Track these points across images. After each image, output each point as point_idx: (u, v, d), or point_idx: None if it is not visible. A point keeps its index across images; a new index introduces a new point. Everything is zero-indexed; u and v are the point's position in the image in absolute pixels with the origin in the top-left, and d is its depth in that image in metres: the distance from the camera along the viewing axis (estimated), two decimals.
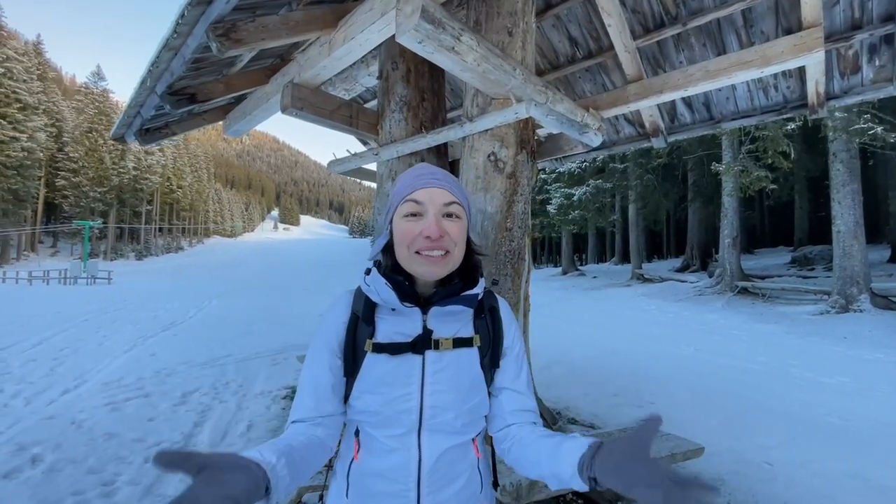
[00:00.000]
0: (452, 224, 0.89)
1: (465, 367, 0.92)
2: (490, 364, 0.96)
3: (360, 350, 0.92)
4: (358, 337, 0.93)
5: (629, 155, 18.91)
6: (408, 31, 1.99)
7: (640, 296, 14.39)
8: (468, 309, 0.96)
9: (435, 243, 0.86)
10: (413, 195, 0.89)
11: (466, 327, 0.95)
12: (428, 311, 0.92)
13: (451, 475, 0.90)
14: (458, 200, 0.91)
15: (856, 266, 9.83)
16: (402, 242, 0.89)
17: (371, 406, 0.88)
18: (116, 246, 47.31)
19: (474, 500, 0.94)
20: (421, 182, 0.90)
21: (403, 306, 0.90)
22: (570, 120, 2.81)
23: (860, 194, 10.01)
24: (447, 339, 0.91)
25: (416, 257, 0.88)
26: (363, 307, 0.94)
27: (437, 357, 0.90)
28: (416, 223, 0.88)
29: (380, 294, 0.91)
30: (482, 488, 0.97)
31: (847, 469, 3.11)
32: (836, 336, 8.16)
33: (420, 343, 0.90)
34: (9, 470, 2.80)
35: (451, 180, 0.93)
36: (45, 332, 7.59)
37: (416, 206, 0.89)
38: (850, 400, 4.65)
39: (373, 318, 0.93)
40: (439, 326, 0.92)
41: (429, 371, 0.90)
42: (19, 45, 37.50)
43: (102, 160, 43.89)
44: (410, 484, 0.88)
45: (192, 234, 69.29)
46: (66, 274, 24.41)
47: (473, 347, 0.94)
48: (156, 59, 2.46)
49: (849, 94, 3.18)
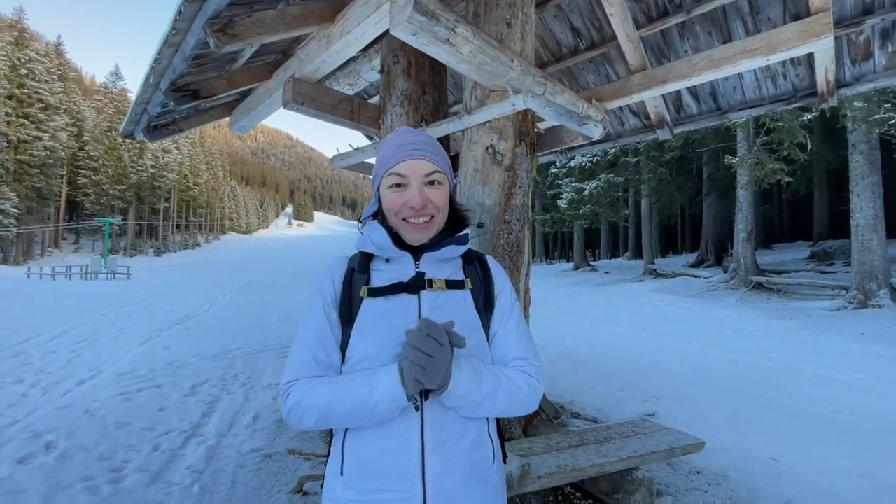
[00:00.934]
0: (435, 191, 0.95)
1: (461, 307, 0.96)
2: (484, 307, 1.00)
3: (356, 297, 0.95)
4: (354, 286, 0.97)
5: (641, 148, 18.63)
6: (401, 24, 2.00)
7: (651, 291, 14.20)
8: (458, 258, 1.03)
9: (419, 212, 0.93)
10: (396, 168, 0.94)
11: (458, 272, 1.01)
12: (420, 257, 0.97)
13: (456, 430, 0.88)
14: (439, 168, 0.96)
15: (875, 260, 9.55)
16: (389, 210, 0.97)
17: (370, 351, 0.89)
18: (136, 242, 48.41)
19: (486, 468, 0.91)
20: (403, 154, 0.95)
21: (397, 251, 0.95)
22: (569, 111, 2.78)
23: (880, 186, 9.71)
24: (440, 280, 0.96)
25: (404, 224, 0.95)
26: (358, 261, 1.00)
27: (432, 296, 0.94)
28: (401, 193, 0.94)
29: (373, 240, 0.96)
30: (494, 458, 0.94)
31: (855, 466, 3.04)
32: (852, 332, 7.95)
33: (414, 283, 0.94)
34: (24, 455, 2.91)
35: (431, 148, 0.98)
36: (64, 326, 7.84)
37: (399, 178, 0.94)
38: (862, 397, 4.53)
39: (368, 268, 0.99)
40: (432, 270, 0.97)
41: (425, 310, 0.92)
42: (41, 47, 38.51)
43: (121, 158, 44.89)
44: (413, 436, 0.85)
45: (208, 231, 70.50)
46: (87, 269, 25.06)
47: (466, 290, 0.98)
48: (157, 55, 2.50)
49: (860, 81, 3.09)
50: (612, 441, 2.47)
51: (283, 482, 2.77)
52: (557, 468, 2.10)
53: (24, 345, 6.30)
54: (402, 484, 0.83)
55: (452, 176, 1.03)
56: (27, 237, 36.10)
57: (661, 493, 2.64)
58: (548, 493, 2.54)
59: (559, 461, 2.17)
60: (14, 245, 34.22)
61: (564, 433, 2.54)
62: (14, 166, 33.54)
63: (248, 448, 3.22)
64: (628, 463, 2.27)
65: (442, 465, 0.85)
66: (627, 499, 2.28)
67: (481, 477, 0.90)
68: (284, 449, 3.22)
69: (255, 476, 2.84)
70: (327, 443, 0.92)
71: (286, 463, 3.03)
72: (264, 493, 2.65)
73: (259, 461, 3.04)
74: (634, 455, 2.29)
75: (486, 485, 0.90)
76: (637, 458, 2.29)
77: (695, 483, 2.87)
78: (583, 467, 2.13)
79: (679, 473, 2.98)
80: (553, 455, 2.24)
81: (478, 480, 0.89)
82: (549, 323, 9.10)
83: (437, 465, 0.84)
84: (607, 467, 2.20)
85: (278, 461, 3.05)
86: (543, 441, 2.44)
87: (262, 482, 2.77)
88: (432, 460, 0.84)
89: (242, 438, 3.38)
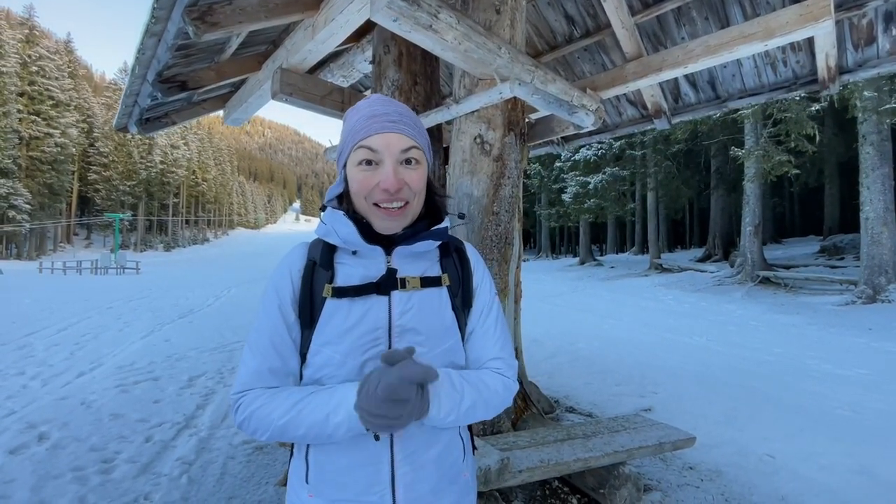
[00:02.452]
0: (412, 171, 0.81)
1: (436, 307, 0.86)
2: (462, 305, 0.91)
3: (317, 297, 0.83)
4: (315, 284, 0.84)
5: (647, 141, 18.39)
6: (382, 9, 1.95)
7: (657, 286, 14.06)
8: (434, 250, 0.90)
9: (393, 195, 0.79)
10: (366, 141, 0.80)
11: (434, 267, 0.89)
12: (392, 251, 0.84)
13: (426, 439, 0.83)
14: (417, 144, 0.82)
15: (885, 254, 9.34)
16: (358, 193, 0.81)
17: (333, 358, 0.80)
18: (146, 237, 49.01)
19: (457, 469, 0.88)
20: (376, 126, 0.80)
21: (365, 245, 0.82)
22: (558, 100, 2.72)
23: (891, 179, 9.48)
24: (414, 278, 0.84)
25: (374, 209, 0.81)
26: (320, 252, 0.86)
27: (404, 297, 0.83)
28: (373, 173, 0.80)
29: (338, 233, 0.82)
30: (464, 455, 0.90)
31: (854, 463, 2.97)
32: (860, 327, 7.79)
33: (385, 283, 0.82)
34: (16, 446, 2.94)
35: (408, 119, 0.84)
36: (71, 319, 7.94)
37: (370, 154, 0.79)
38: (866, 393, 4.44)
39: (331, 262, 0.85)
40: (405, 266, 0.85)
41: (396, 312, 0.82)
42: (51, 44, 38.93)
43: (131, 155, 45.36)
44: (382, 448, 0.80)
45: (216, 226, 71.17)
46: (97, 264, 25.41)
47: (443, 287, 0.87)
48: (140, 45, 2.48)
49: (864, 67, 2.98)
50: (599, 435, 2.43)
51: (273, 474, 2.77)
52: (540, 462, 2.06)
53: (29, 337, 6.39)
54: (372, 495, 0.79)
55: (431, 154, 0.89)
56: (40, 232, 36.69)
57: (651, 489, 2.60)
58: (535, 486, 2.51)
59: (542, 455, 2.13)
60: (27, 240, 34.81)
61: (552, 427, 2.51)
62: (26, 163, 34.07)
63: (239, 440, 3.23)
64: (614, 458, 2.23)
65: (413, 474, 0.81)
66: (613, 494, 2.24)
67: (452, 478, 0.86)
68: (275, 441, 3.22)
69: (245, 468, 2.84)
70: None
71: (276, 455, 3.03)
72: (252, 484, 2.65)
73: (250, 453, 3.04)
74: (621, 450, 2.25)
75: (456, 484, 0.87)
76: (623, 453, 2.25)
77: (687, 479, 2.82)
78: (566, 462, 2.10)
79: (672, 469, 2.94)
80: (537, 449, 2.21)
81: (448, 482, 0.86)
82: (552, 317, 9.05)
83: (408, 474, 0.80)
84: (592, 462, 2.17)
85: (269, 453, 3.06)
86: (529, 435, 2.41)
87: (251, 474, 2.77)
88: (403, 470, 0.80)
89: (235, 430, 3.39)
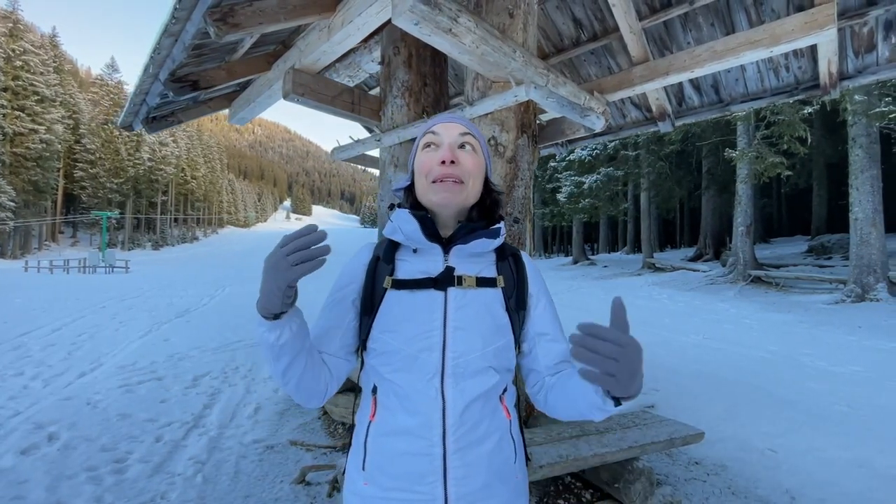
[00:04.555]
0: (466, 155, 0.93)
1: (490, 306, 0.91)
2: (516, 306, 0.94)
3: (378, 288, 0.91)
4: (378, 276, 0.93)
5: (641, 141, 18.59)
6: (404, 13, 1.98)
7: (650, 285, 14.24)
8: (491, 254, 0.97)
9: (449, 169, 0.89)
10: (430, 129, 0.96)
11: (489, 269, 0.95)
12: (450, 249, 0.92)
13: (479, 433, 0.86)
14: (471, 132, 0.95)
15: (873, 254, 9.58)
16: (420, 172, 0.94)
17: (391, 345, 0.87)
18: (133, 236, 48.28)
19: (508, 468, 0.90)
20: (439, 119, 0.97)
21: (426, 242, 0.90)
22: (571, 103, 2.77)
23: (880, 180, 9.71)
24: (470, 277, 0.91)
25: (433, 185, 0.90)
26: (384, 249, 0.95)
27: (460, 294, 0.89)
28: (434, 153, 0.92)
29: (402, 229, 0.91)
30: (516, 457, 0.92)
31: (853, 457, 3.07)
32: (850, 325, 7.99)
33: (442, 279, 0.89)
34: (26, 447, 2.92)
35: (468, 121, 0.98)
36: (64, 319, 7.82)
37: (433, 137, 0.94)
38: (860, 389, 4.57)
39: (393, 257, 0.94)
40: (462, 265, 0.92)
41: (451, 307, 0.88)
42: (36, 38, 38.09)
43: (118, 151, 44.62)
44: (435, 439, 0.83)
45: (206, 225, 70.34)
46: (85, 263, 25.01)
47: (497, 288, 0.93)
48: (156, 45, 2.48)
49: (863, 73, 3.08)
50: (612, 432, 2.48)
51: (286, 473, 2.79)
52: (559, 458, 2.11)
53: (23, 338, 6.29)
54: (425, 486, 0.83)
55: (489, 158, 1.00)
56: (24, 231, 35.96)
57: (661, 483, 2.66)
58: (548, 482, 2.56)
59: (560, 451, 2.18)
60: (11, 239, 34.09)
61: (565, 424, 2.56)
62: (10, 159, 33.34)
63: (250, 439, 3.24)
64: (629, 453, 2.28)
65: (464, 469, 0.84)
66: (628, 488, 2.30)
67: (503, 477, 0.89)
68: (286, 440, 3.24)
69: (258, 467, 2.86)
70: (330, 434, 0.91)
71: (288, 454, 3.05)
72: (267, 483, 2.66)
73: (261, 452, 3.06)
74: (635, 445, 2.31)
75: (507, 485, 0.89)
76: (637, 448, 2.31)
77: (694, 473, 2.90)
78: (584, 457, 2.15)
79: (678, 464, 3.01)
80: (554, 445, 2.26)
81: (500, 481, 0.88)
82: None
83: (460, 468, 0.84)
84: (608, 457, 2.22)
85: (280, 452, 3.07)
86: (544, 431, 2.46)
87: (265, 473, 2.78)
88: (454, 464, 0.83)
89: (244, 430, 3.40)
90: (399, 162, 3.50)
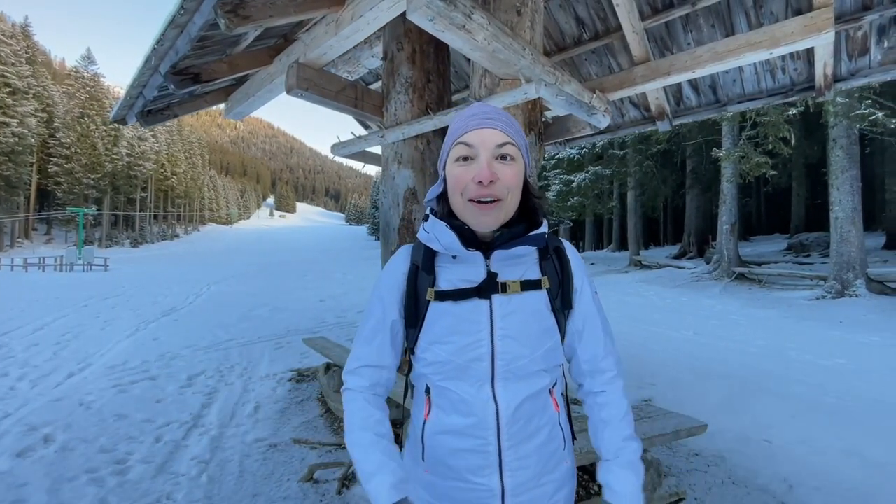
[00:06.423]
0: (506, 167, 0.84)
1: (536, 310, 0.89)
2: (562, 306, 0.92)
3: (421, 300, 0.90)
4: (419, 287, 0.90)
5: (629, 141, 18.84)
6: (420, 8, 1.97)
7: (638, 282, 14.48)
8: (533, 251, 0.91)
9: (486, 189, 0.81)
10: (464, 137, 0.84)
11: (533, 270, 0.91)
12: (490, 255, 0.87)
13: (531, 428, 0.88)
14: (512, 140, 0.85)
15: (853, 252, 9.91)
16: (454, 189, 0.86)
17: (441, 356, 0.87)
18: (111, 233, 46.99)
19: (558, 457, 0.92)
20: (473, 123, 0.85)
21: (465, 251, 0.85)
22: (578, 101, 2.79)
23: (859, 181, 10.04)
24: (514, 282, 0.87)
25: (469, 206, 0.83)
26: (423, 257, 0.91)
27: (504, 301, 0.87)
28: (468, 168, 0.83)
29: (440, 240, 0.86)
30: (565, 444, 0.95)
31: (845, 446, 3.18)
32: (832, 320, 8.26)
33: (486, 287, 0.86)
34: (22, 449, 2.84)
35: (505, 119, 0.87)
36: (45, 318, 7.59)
37: (467, 150, 0.84)
38: (846, 380, 4.73)
39: (433, 266, 0.90)
40: (504, 270, 0.88)
41: (497, 315, 0.86)
42: (6, 28, 36.67)
43: (95, 146, 43.30)
44: (490, 437, 0.86)
45: (187, 222, 68.85)
46: (62, 261, 24.26)
47: (542, 290, 0.90)
48: (161, 36, 2.42)
49: (856, 76, 3.18)
50: None
51: (292, 471, 2.76)
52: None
53: (4, 337, 6.09)
54: (482, 478, 0.87)
55: (528, 156, 0.91)
56: None
57: (665, 475, 2.72)
58: None
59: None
60: None
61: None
62: None
63: (252, 438, 3.20)
64: None
65: (518, 462, 0.87)
66: None
67: (553, 467, 0.92)
68: (289, 438, 3.20)
69: (263, 465, 2.82)
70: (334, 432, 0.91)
71: (292, 452, 3.02)
72: (273, 481, 2.64)
73: (265, 451, 3.02)
74: (644, 437, 2.35)
75: (556, 472, 0.93)
76: (646, 441, 2.35)
77: (694, 464, 2.97)
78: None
79: (678, 456, 3.08)
80: None
81: (549, 471, 0.91)
82: None
83: (514, 461, 0.87)
84: None
85: (284, 450, 3.04)
86: None
87: (271, 471, 2.75)
88: (509, 457, 0.87)
89: (245, 429, 3.35)
90: (402, 159, 3.48)
